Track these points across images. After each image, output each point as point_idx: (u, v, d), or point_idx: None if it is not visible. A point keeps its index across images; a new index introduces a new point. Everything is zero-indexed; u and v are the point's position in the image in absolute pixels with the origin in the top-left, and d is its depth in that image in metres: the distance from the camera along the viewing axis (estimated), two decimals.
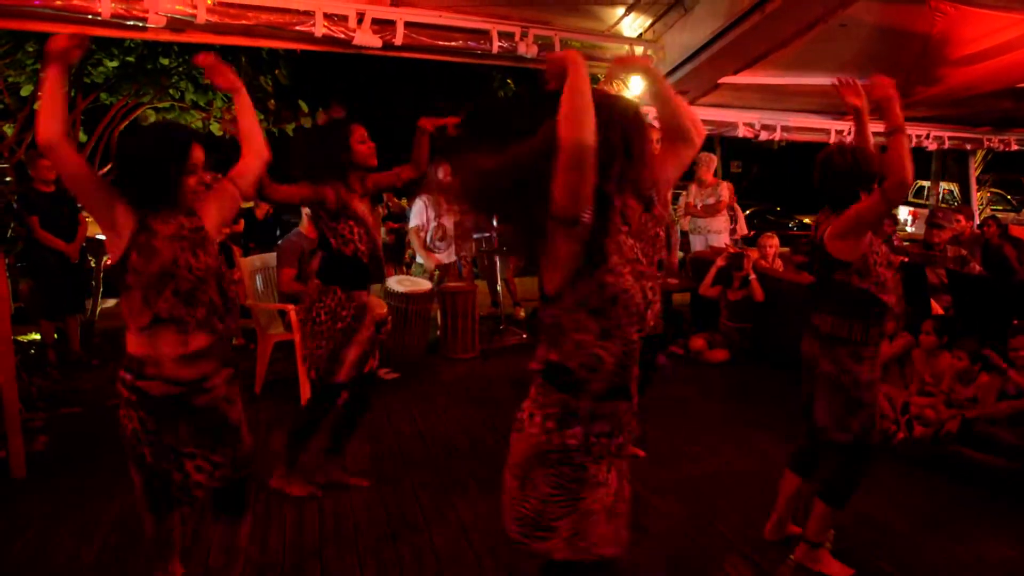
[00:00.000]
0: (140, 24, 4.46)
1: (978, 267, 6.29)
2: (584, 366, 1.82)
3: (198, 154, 2.38)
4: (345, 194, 3.54)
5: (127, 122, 7.90)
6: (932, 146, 9.60)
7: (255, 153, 2.69)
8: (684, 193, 8.35)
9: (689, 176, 7.96)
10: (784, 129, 8.40)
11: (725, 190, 7.75)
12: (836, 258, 2.92)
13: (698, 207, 7.89)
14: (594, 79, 7.07)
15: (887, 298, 2.90)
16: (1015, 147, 10.23)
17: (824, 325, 2.98)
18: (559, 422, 1.86)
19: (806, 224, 14.69)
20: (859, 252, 2.88)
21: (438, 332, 6.98)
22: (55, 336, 6.44)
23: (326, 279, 3.61)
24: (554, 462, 1.86)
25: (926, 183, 14.24)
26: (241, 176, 2.65)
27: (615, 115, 1.82)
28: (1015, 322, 4.54)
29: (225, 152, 6.71)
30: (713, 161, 7.98)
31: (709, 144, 11.76)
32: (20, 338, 6.98)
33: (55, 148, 2.21)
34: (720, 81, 6.26)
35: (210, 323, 2.39)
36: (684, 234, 8.33)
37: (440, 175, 7.80)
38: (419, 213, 7.03)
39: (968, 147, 10.42)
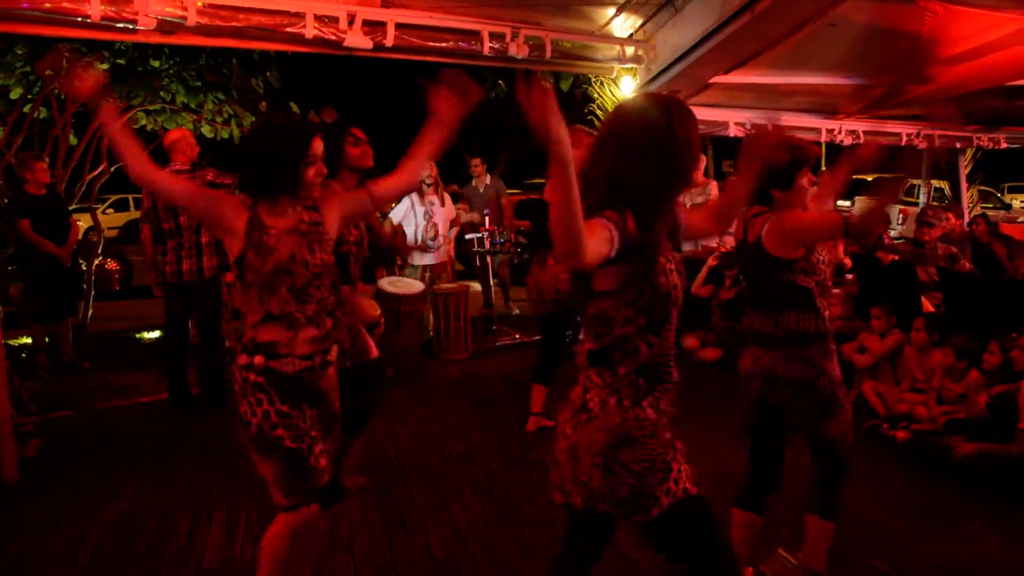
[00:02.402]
0: (130, 26, 4.43)
1: (968, 265, 6.32)
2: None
3: (318, 146, 2.43)
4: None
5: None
6: (922, 144, 9.63)
7: (408, 174, 2.65)
8: None
9: None
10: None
11: (715, 189, 7.75)
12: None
13: (688, 207, 7.87)
14: (585, 79, 7.03)
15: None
16: (1004, 145, 10.27)
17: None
18: (633, 400, 1.94)
19: None
20: None
21: (431, 333, 6.99)
22: (46, 340, 6.42)
23: None
24: (639, 438, 1.92)
25: (917, 181, 14.29)
26: (381, 193, 2.67)
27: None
28: (1013, 335, 4.56)
29: (217, 154, 6.71)
30: (703, 161, 7.99)
31: (700, 144, 11.82)
32: (11, 342, 6.96)
33: (151, 182, 2.38)
34: (711, 80, 6.27)
35: (319, 319, 2.47)
36: None
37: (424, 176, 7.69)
38: (404, 211, 7.00)
39: (958, 145, 10.45)
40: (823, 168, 5.41)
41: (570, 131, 1.73)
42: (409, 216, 7.00)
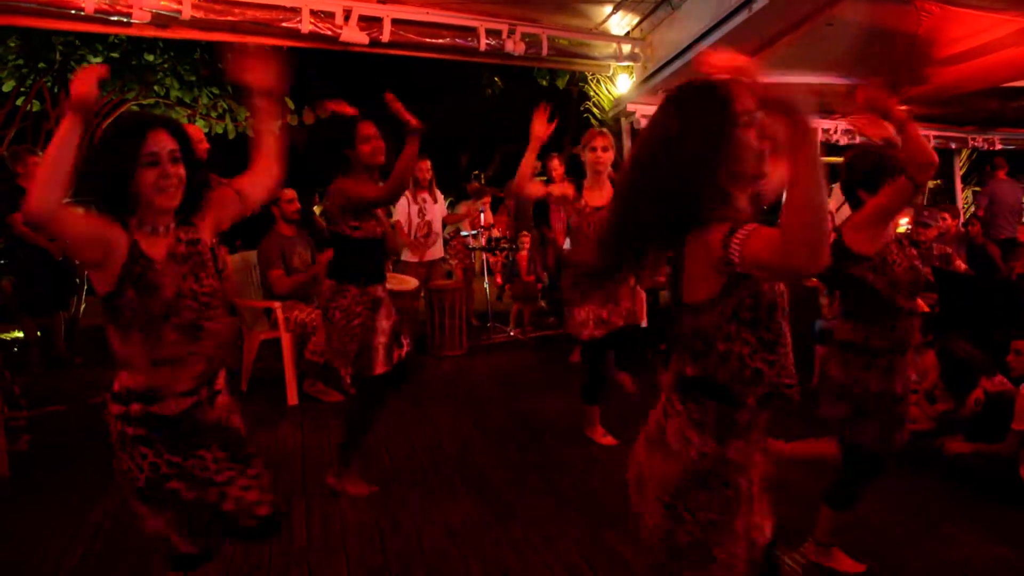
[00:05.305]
0: (125, 20, 4.42)
1: (963, 265, 6.32)
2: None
3: (158, 141, 1.95)
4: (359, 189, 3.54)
5: (111, 119, 7.84)
6: None
7: (264, 171, 2.31)
8: None
9: None
10: None
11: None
12: (853, 251, 2.81)
13: None
14: (581, 77, 7.04)
15: (902, 302, 2.81)
16: (999, 146, 10.29)
17: (839, 331, 2.91)
18: (718, 437, 1.70)
19: None
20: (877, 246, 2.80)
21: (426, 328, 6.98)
22: (38, 334, 6.39)
23: (340, 278, 3.61)
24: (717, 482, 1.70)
25: None
26: (247, 193, 2.26)
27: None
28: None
29: (212, 149, 6.68)
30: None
31: None
32: (3, 336, 6.92)
33: (52, 220, 1.78)
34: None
35: (214, 354, 2.13)
36: None
37: (420, 174, 7.67)
38: (402, 208, 6.99)
39: (953, 146, 10.47)
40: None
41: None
42: (405, 213, 6.99)
